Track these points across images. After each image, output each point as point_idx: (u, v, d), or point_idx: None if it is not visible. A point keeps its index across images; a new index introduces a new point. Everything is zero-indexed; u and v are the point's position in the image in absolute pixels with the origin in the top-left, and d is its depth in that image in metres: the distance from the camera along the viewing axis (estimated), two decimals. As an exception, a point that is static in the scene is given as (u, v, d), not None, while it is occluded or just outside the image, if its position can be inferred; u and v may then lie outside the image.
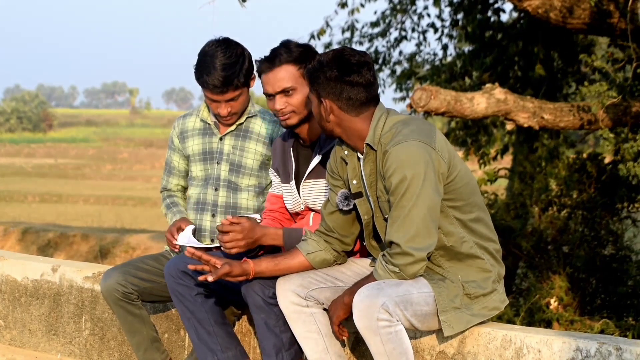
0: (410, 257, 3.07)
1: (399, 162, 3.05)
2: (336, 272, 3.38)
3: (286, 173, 3.70)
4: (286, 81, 3.51)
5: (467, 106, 6.97)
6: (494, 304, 3.25)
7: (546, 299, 8.33)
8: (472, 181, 3.23)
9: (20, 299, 4.84)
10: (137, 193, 35.46)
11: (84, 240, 15.80)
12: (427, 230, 3.07)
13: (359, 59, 3.18)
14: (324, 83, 3.19)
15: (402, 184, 3.04)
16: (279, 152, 3.76)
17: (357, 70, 3.17)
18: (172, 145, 4.15)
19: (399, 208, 3.06)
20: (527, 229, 9.13)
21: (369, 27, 11.38)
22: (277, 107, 3.52)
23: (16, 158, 60.84)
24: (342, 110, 3.20)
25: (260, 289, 3.32)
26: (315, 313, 3.29)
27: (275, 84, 3.51)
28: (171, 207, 4.10)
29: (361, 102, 3.19)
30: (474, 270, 3.20)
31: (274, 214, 3.76)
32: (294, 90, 3.51)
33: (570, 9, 7.45)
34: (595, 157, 8.73)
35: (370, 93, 3.20)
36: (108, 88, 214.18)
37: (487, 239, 3.25)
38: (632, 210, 8.81)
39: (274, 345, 3.38)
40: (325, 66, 3.18)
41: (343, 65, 3.16)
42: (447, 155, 3.13)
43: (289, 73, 3.51)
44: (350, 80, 3.17)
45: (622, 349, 3.06)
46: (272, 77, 3.51)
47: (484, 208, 3.28)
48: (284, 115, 3.53)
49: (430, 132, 3.14)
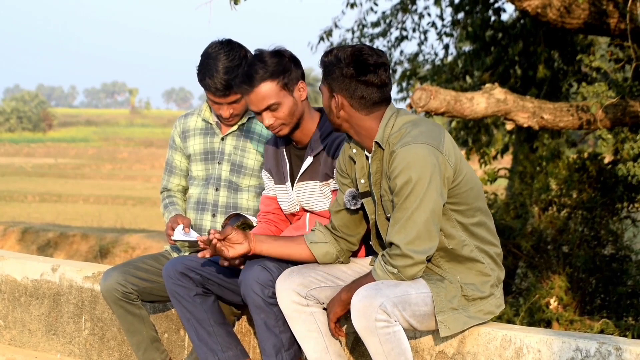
0: (409, 260, 3.07)
1: (405, 163, 3.05)
2: (337, 271, 3.38)
3: (280, 174, 3.69)
4: (269, 98, 3.49)
5: (466, 106, 6.97)
6: (490, 308, 3.26)
7: (546, 299, 8.33)
8: (477, 186, 3.22)
9: (20, 299, 4.84)
10: (137, 193, 35.45)
11: (84, 240, 15.79)
12: (428, 233, 3.07)
13: (376, 59, 3.16)
14: (338, 79, 3.18)
15: (407, 186, 3.04)
16: (271, 153, 3.75)
17: (373, 70, 3.15)
18: (174, 144, 4.15)
19: (402, 210, 3.06)
20: (527, 228, 9.13)
21: (369, 27, 11.39)
22: (266, 123, 3.53)
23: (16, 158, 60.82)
24: (354, 108, 3.19)
25: (260, 288, 3.32)
26: (315, 312, 3.29)
27: (259, 103, 3.50)
28: (168, 207, 4.10)
29: (374, 102, 3.18)
30: (473, 273, 3.20)
31: (269, 216, 3.76)
32: (278, 105, 3.50)
33: (569, 8, 7.45)
34: (595, 157, 8.73)
35: (383, 94, 3.19)
36: (108, 88, 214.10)
37: (489, 242, 3.24)
38: (631, 210, 8.81)
39: (274, 346, 3.38)
40: (342, 62, 3.16)
41: (360, 65, 3.15)
42: (453, 159, 3.12)
43: (269, 89, 3.49)
44: (366, 80, 3.15)
45: (622, 349, 3.06)
46: (254, 97, 3.50)
47: (487, 213, 3.27)
48: (275, 129, 3.55)
49: (439, 135, 3.13)
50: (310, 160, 3.57)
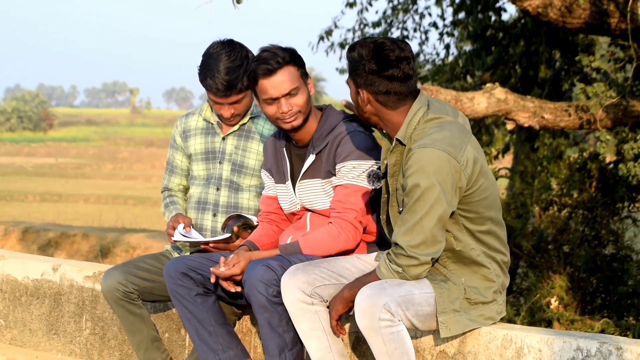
0: (414, 260, 3.08)
1: (418, 165, 3.04)
2: (340, 269, 3.37)
3: (280, 173, 3.69)
4: (291, 82, 3.50)
5: (467, 106, 6.97)
6: (491, 313, 3.26)
7: (547, 299, 8.33)
8: (491, 195, 3.19)
9: (21, 299, 4.84)
10: (138, 192, 35.47)
11: (85, 239, 15.79)
12: (433, 239, 3.07)
13: (398, 53, 3.14)
14: (362, 74, 3.17)
15: (417, 190, 3.03)
16: (270, 152, 3.75)
17: (395, 64, 3.13)
18: (175, 144, 4.14)
19: (411, 212, 3.06)
20: (528, 228, 9.13)
21: (370, 27, 11.39)
22: (284, 109, 3.50)
23: (16, 157, 60.86)
24: (379, 103, 3.18)
25: (264, 288, 3.31)
26: (319, 311, 3.29)
27: (282, 86, 3.49)
28: (169, 206, 4.10)
29: (398, 96, 3.17)
30: (478, 277, 3.20)
31: (271, 216, 3.76)
32: (297, 91, 3.51)
33: (570, 8, 7.45)
34: (596, 157, 8.73)
35: (408, 87, 3.17)
36: (108, 87, 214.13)
37: (496, 250, 3.23)
38: (632, 209, 8.81)
39: (277, 345, 3.38)
40: (364, 58, 3.15)
41: (382, 60, 3.13)
42: (470, 169, 3.09)
43: (292, 73, 3.50)
44: (389, 74, 3.14)
45: (623, 349, 3.06)
46: (277, 80, 3.49)
47: (499, 222, 3.24)
48: (290, 117, 3.52)
49: (462, 142, 3.10)
50: (312, 159, 3.57)
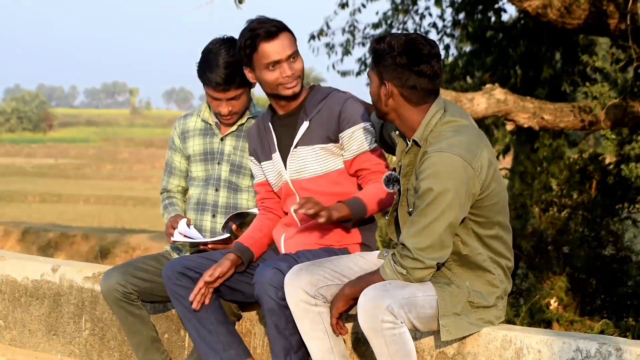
0: (420, 263, 3.08)
1: (433, 169, 3.03)
2: (344, 269, 3.36)
3: (266, 149, 3.70)
4: (291, 46, 3.53)
5: (467, 106, 6.97)
6: (490, 318, 3.26)
7: (546, 300, 8.33)
8: (501, 201, 3.19)
9: (20, 299, 4.84)
10: (137, 193, 35.49)
11: (84, 240, 15.80)
12: (441, 244, 3.07)
13: (430, 50, 3.14)
14: (390, 67, 3.15)
15: (430, 194, 3.03)
16: (254, 132, 3.77)
17: (427, 60, 3.13)
18: (173, 145, 4.14)
19: (422, 215, 3.06)
20: (528, 229, 9.14)
21: (370, 28, 11.39)
22: (288, 73, 3.52)
23: (16, 158, 60.90)
24: (403, 98, 3.17)
25: (275, 292, 3.31)
26: (322, 312, 3.29)
27: (284, 49, 3.51)
28: (168, 207, 4.10)
29: (424, 93, 3.16)
30: (481, 281, 3.20)
31: (265, 203, 3.78)
32: (297, 55, 3.55)
33: (569, 9, 7.45)
34: (596, 158, 8.74)
35: (434, 85, 3.17)
36: (108, 88, 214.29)
37: (502, 255, 3.23)
38: (632, 210, 8.82)
39: (283, 348, 3.38)
40: (395, 51, 3.13)
41: (414, 54, 3.12)
42: (484, 175, 3.09)
43: (289, 39, 3.54)
44: (419, 70, 3.12)
45: (622, 350, 3.06)
46: (279, 43, 3.51)
47: (506, 227, 3.25)
48: (292, 80, 3.54)
49: (477, 148, 3.10)
50: (307, 125, 3.57)
